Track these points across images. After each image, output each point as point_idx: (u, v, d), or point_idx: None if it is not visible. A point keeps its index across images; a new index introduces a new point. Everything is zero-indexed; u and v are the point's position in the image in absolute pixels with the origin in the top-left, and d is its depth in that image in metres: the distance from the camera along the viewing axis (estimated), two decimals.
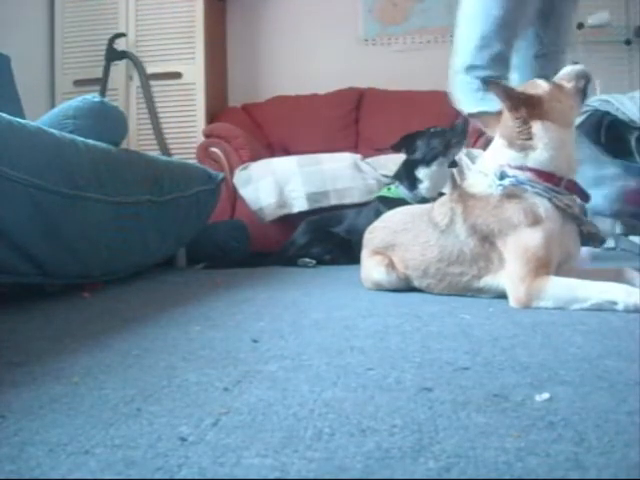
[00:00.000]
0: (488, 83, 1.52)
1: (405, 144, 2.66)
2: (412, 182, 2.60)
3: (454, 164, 2.74)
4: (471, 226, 1.48)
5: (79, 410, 0.70)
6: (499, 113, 1.55)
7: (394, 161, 2.83)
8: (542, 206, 1.40)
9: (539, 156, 1.44)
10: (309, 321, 1.26)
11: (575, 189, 1.46)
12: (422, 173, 2.58)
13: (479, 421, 0.63)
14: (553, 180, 1.42)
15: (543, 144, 1.43)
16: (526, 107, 1.44)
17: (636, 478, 0.50)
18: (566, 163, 1.46)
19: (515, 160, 1.46)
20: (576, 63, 1.59)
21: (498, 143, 1.52)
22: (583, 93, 1.52)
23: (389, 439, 0.59)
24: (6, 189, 1.38)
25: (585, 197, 1.49)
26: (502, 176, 1.45)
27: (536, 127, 1.44)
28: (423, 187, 2.58)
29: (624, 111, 2.69)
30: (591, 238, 1.46)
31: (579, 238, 1.47)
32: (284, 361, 0.91)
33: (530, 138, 1.44)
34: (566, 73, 1.54)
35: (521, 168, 1.44)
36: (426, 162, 2.59)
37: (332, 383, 0.79)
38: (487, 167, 1.50)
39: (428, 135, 2.63)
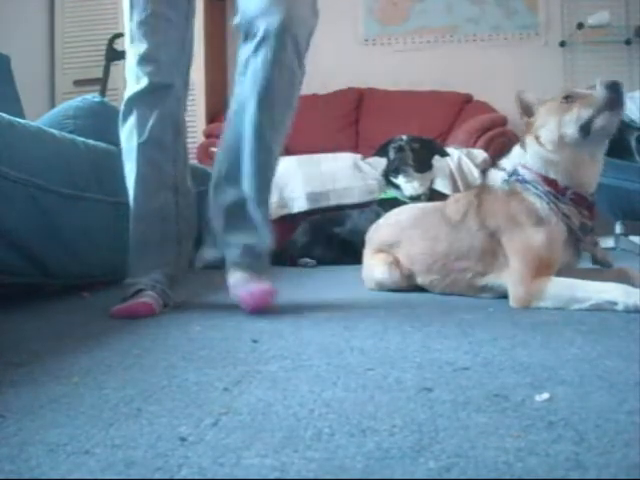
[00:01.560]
0: (518, 94, 1.49)
1: (383, 152, 2.84)
2: (394, 185, 2.73)
3: (444, 153, 2.82)
4: (482, 219, 1.50)
5: (79, 410, 0.70)
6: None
7: None
8: (540, 208, 1.40)
9: (531, 161, 1.46)
10: (309, 321, 1.26)
11: (582, 203, 1.42)
12: (396, 180, 2.72)
13: (479, 421, 0.63)
14: (556, 187, 1.42)
15: (529, 155, 1.47)
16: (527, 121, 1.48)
17: (636, 478, 0.50)
18: (568, 177, 1.42)
19: (520, 158, 1.48)
20: (610, 85, 1.36)
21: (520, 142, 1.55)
22: (585, 127, 1.36)
23: (389, 439, 0.58)
24: (6, 189, 1.38)
25: (590, 212, 1.42)
26: (513, 173, 1.47)
27: (528, 138, 1.48)
28: (404, 189, 2.70)
29: (624, 111, 2.69)
30: (600, 262, 1.45)
31: (579, 252, 1.46)
32: (284, 361, 0.91)
33: (526, 138, 1.49)
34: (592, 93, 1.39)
35: (528, 169, 1.45)
36: (394, 172, 2.74)
37: (332, 383, 0.79)
38: (507, 163, 1.53)
39: (389, 149, 2.77)
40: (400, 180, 2.70)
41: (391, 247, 1.72)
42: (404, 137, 2.77)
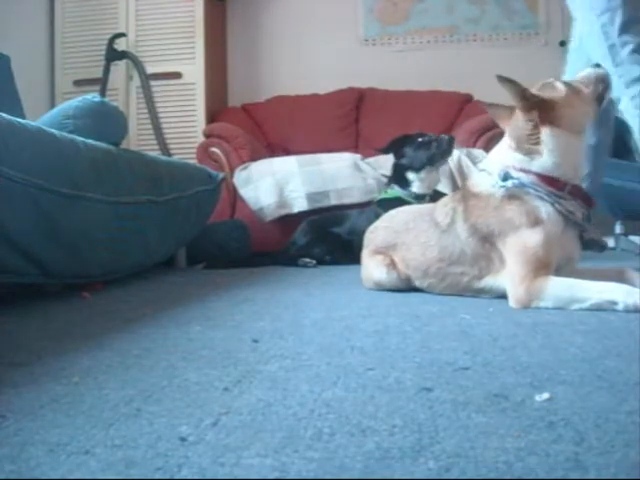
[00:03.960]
0: (501, 79, 1.43)
1: (394, 149, 2.75)
2: (404, 183, 2.70)
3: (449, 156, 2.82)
4: (471, 226, 1.47)
5: (79, 410, 0.70)
6: (512, 108, 1.53)
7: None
8: (543, 210, 1.39)
9: (544, 162, 1.42)
10: (309, 321, 1.26)
11: (579, 194, 1.44)
12: (412, 176, 2.69)
13: (479, 421, 0.63)
14: (557, 185, 1.41)
15: (549, 150, 1.42)
16: (539, 111, 1.42)
17: (636, 478, 0.50)
18: (572, 169, 1.44)
19: (520, 163, 1.44)
20: (597, 65, 1.54)
21: (505, 143, 1.50)
22: (601, 98, 1.48)
23: (389, 439, 0.58)
24: (6, 189, 1.38)
25: (589, 202, 1.46)
26: (506, 177, 1.43)
27: (545, 133, 1.43)
28: (415, 187, 2.68)
29: None
30: (592, 244, 1.45)
31: (580, 243, 1.46)
32: (284, 361, 0.91)
33: (538, 143, 1.43)
34: (585, 76, 1.50)
35: (525, 171, 1.43)
36: (414, 169, 2.69)
37: (332, 383, 0.79)
38: (491, 167, 1.49)
39: (416, 144, 2.70)
40: (420, 175, 2.66)
41: (387, 249, 1.72)
42: (431, 134, 2.74)
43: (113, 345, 1.06)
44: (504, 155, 1.48)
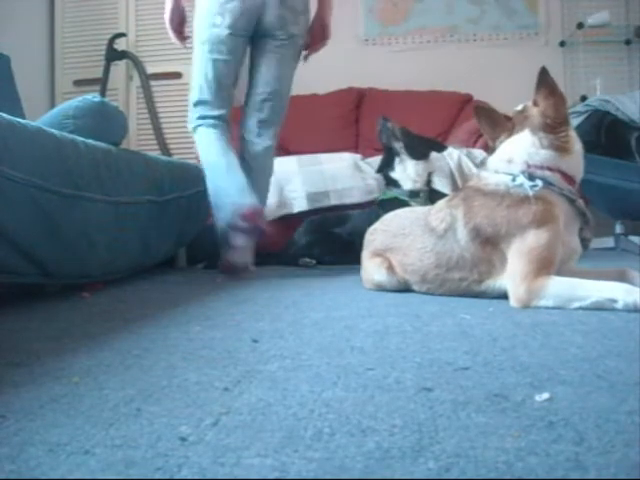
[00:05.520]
0: (544, 73, 1.44)
1: (380, 168, 2.91)
2: (395, 184, 2.77)
3: (442, 148, 2.86)
4: (473, 229, 1.46)
5: (79, 410, 0.70)
6: (507, 118, 1.54)
7: None
8: (564, 208, 1.41)
9: (572, 160, 1.45)
10: (309, 321, 1.26)
11: (580, 193, 1.48)
12: (394, 175, 2.76)
13: (479, 421, 0.63)
14: (572, 184, 1.45)
15: (577, 149, 1.46)
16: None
17: (636, 478, 0.50)
18: (581, 169, 1.49)
19: (549, 161, 1.43)
20: None
21: (530, 141, 1.45)
22: None
23: (389, 439, 0.58)
24: (6, 189, 1.38)
25: (585, 201, 1.50)
26: (531, 177, 1.41)
27: (572, 131, 1.48)
28: (403, 184, 2.73)
29: (624, 111, 2.69)
30: (582, 242, 1.48)
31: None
32: (284, 361, 0.91)
33: (567, 142, 1.44)
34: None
35: (552, 169, 1.42)
36: (389, 168, 2.79)
37: (332, 383, 0.79)
38: (508, 166, 1.46)
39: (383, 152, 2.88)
40: (397, 170, 2.72)
41: (385, 252, 1.72)
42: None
43: (113, 345, 1.06)
44: (529, 153, 1.45)
